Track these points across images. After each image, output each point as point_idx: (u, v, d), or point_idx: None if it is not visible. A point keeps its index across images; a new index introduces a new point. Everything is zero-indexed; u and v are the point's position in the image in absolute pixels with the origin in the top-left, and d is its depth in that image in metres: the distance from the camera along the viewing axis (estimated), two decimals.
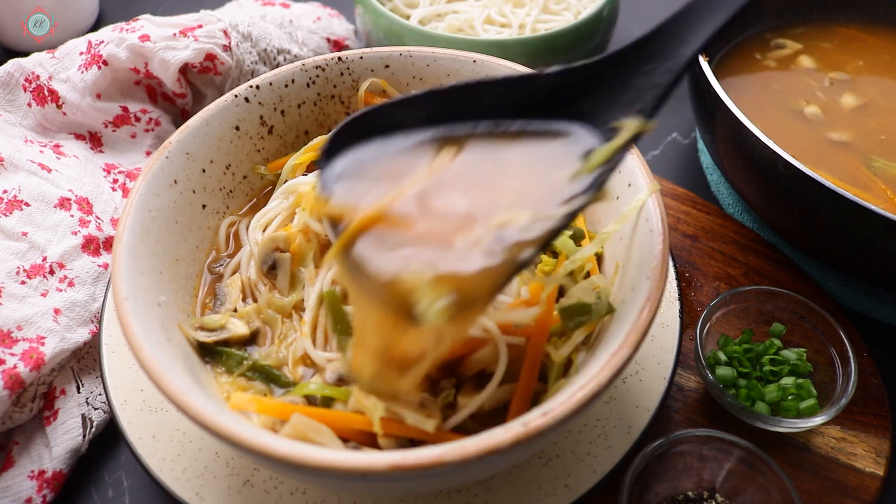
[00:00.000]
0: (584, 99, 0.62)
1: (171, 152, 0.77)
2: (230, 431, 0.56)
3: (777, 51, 1.16)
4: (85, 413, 0.81)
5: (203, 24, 1.08)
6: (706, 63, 0.95)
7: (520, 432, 0.55)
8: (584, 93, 0.62)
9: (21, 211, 0.90)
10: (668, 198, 1.06)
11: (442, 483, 0.65)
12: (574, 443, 0.74)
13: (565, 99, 0.62)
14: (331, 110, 0.91)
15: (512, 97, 0.62)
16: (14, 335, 0.80)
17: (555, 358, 0.66)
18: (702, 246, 1.01)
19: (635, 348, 0.60)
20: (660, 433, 0.78)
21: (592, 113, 0.62)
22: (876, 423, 0.83)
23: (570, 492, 0.71)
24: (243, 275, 0.79)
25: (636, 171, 0.74)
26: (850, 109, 1.05)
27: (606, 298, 0.68)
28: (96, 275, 0.90)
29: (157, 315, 0.68)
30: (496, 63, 0.87)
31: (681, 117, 1.28)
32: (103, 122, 1.08)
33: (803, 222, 0.88)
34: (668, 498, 0.75)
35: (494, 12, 1.21)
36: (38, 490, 0.76)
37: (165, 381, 0.59)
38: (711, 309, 0.85)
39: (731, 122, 0.89)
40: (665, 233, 0.68)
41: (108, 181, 1.03)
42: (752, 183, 0.93)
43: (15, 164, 0.94)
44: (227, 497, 0.71)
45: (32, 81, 1.05)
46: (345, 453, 0.55)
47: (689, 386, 0.86)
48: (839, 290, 0.97)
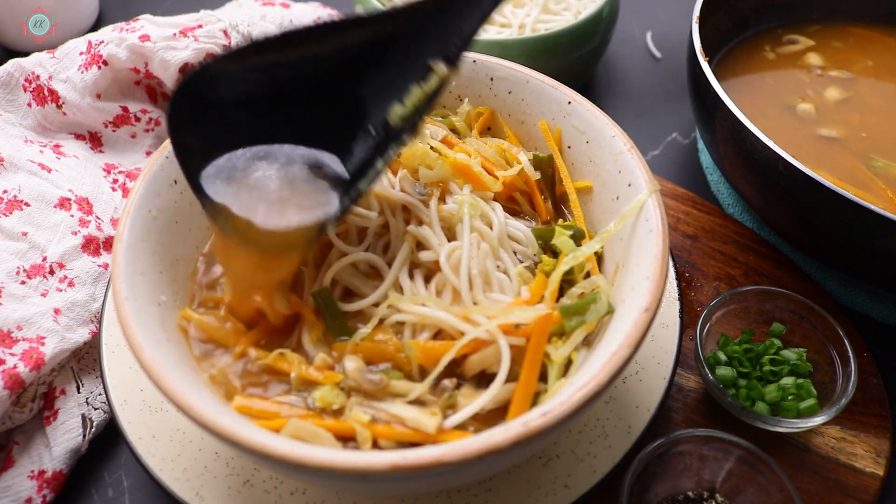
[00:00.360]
0: (404, 43, 0.68)
1: (170, 152, 0.77)
2: (230, 431, 0.56)
3: (787, 46, 1.16)
4: (85, 413, 0.81)
5: (203, 24, 1.08)
6: (706, 63, 0.95)
7: (520, 432, 0.55)
8: (401, 39, 0.67)
9: (21, 211, 0.90)
10: (668, 198, 1.06)
11: (442, 483, 0.65)
12: (574, 443, 0.74)
13: (384, 43, 0.68)
14: None
15: (336, 44, 0.67)
16: (14, 335, 0.80)
17: (555, 358, 0.66)
18: (702, 246, 1.01)
19: (635, 348, 0.60)
20: (660, 433, 0.78)
21: (411, 56, 0.68)
22: (876, 423, 0.83)
23: (570, 492, 0.71)
24: None
25: (636, 171, 0.74)
26: (834, 103, 1.05)
27: (606, 298, 0.68)
28: (96, 275, 0.90)
29: (157, 315, 0.68)
30: (496, 63, 0.87)
31: (681, 117, 1.28)
32: (103, 122, 1.08)
33: (803, 222, 0.88)
34: (668, 498, 0.75)
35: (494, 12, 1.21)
36: (38, 490, 0.76)
37: (165, 381, 0.59)
38: (711, 309, 0.85)
39: (731, 122, 0.89)
40: (665, 233, 0.68)
41: (108, 181, 1.03)
42: (752, 183, 0.93)
43: (15, 164, 0.94)
44: (227, 497, 0.71)
45: (32, 81, 1.05)
46: (345, 453, 0.55)
47: (689, 386, 0.86)
48: (839, 290, 0.98)
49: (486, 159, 0.82)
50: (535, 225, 0.82)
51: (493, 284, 0.72)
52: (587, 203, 0.82)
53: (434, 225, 0.74)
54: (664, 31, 1.46)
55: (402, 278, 0.72)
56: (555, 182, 0.86)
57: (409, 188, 0.77)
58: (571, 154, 0.84)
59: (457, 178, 0.79)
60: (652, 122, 1.27)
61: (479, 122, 0.89)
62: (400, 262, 0.72)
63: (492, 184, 0.79)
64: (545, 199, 0.84)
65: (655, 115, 1.29)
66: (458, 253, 0.71)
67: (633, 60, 1.40)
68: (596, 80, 1.36)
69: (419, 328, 0.69)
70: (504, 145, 0.85)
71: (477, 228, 0.74)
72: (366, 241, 0.75)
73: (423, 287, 0.71)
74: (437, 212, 0.75)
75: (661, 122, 1.27)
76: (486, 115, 0.89)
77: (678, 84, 1.34)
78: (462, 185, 0.78)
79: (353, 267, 0.74)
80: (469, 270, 0.70)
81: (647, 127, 1.26)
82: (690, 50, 1.00)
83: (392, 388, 0.66)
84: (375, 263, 0.74)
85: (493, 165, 0.82)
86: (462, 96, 0.90)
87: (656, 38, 1.44)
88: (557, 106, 0.84)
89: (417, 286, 0.71)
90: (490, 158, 0.82)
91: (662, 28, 1.47)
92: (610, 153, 0.78)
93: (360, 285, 0.73)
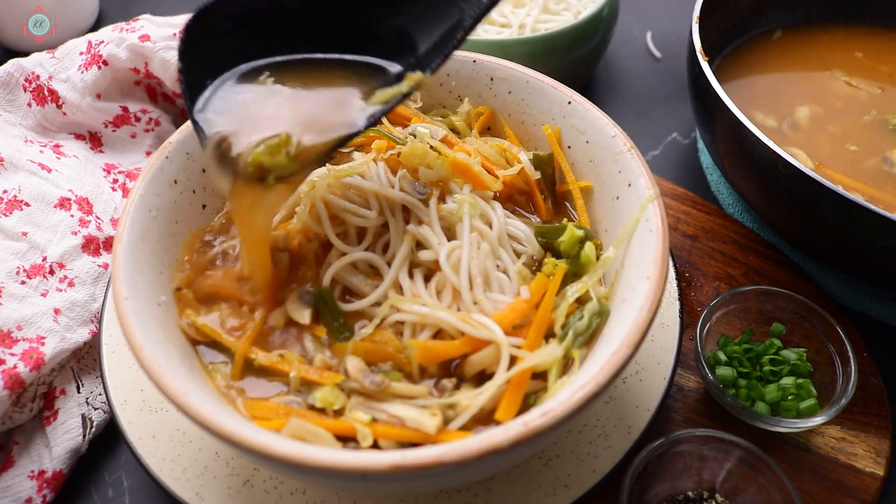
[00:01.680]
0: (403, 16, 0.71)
1: (171, 152, 0.77)
2: (230, 431, 0.56)
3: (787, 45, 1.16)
4: (85, 413, 0.81)
5: None
6: (706, 63, 0.95)
7: (520, 432, 0.55)
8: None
9: (21, 211, 0.90)
10: (668, 198, 1.06)
11: (442, 483, 0.65)
12: (574, 443, 0.74)
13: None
14: None
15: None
16: (14, 335, 0.80)
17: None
18: (702, 246, 1.01)
19: (635, 348, 0.60)
20: (660, 433, 0.78)
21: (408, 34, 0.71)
22: (876, 423, 0.83)
23: (570, 492, 0.71)
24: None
25: (636, 171, 0.74)
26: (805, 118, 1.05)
27: (606, 304, 0.69)
28: (96, 275, 0.90)
29: (157, 315, 0.68)
30: (496, 63, 0.87)
31: (681, 117, 1.28)
32: (103, 122, 1.08)
33: (803, 222, 0.88)
34: (668, 498, 0.75)
35: (494, 12, 1.21)
36: (38, 490, 0.76)
37: (165, 381, 0.59)
38: (711, 309, 0.85)
39: (731, 122, 0.89)
40: (665, 233, 0.68)
41: (108, 181, 1.03)
42: (752, 183, 0.93)
43: (15, 164, 0.94)
44: (227, 497, 0.71)
45: (32, 81, 1.05)
46: (345, 453, 0.55)
47: (689, 386, 0.86)
48: (839, 290, 0.97)
49: (487, 158, 0.82)
50: (537, 222, 0.82)
51: (493, 284, 0.72)
52: (587, 203, 0.82)
53: (434, 224, 0.74)
54: (664, 31, 1.46)
55: (401, 278, 0.72)
56: (555, 182, 0.86)
57: (409, 187, 0.77)
58: (571, 154, 0.84)
59: (457, 178, 0.79)
60: (652, 122, 1.27)
61: (479, 121, 0.89)
62: (399, 262, 0.72)
63: (492, 183, 0.79)
64: (545, 198, 0.84)
65: (655, 115, 1.29)
66: (458, 252, 0.71)
67: (633, 60, 1.40)
68: (596, 80, 1.36)
69: (419, 328, 0.69)
70: (504, 145, 0.85)
71: (477, 228, 0.74)
72: (365, 241, 0.75)
73: (422, 286, 0.71)
74: (436, 211, 0.75)
75: (661, 122, 1.27)
76: (486, 114, 0.89)
77: (678, 84, 1.34)
78: (462, 185, 0.78)
79: (353, 266, 0.74)
80: (469, 270, 0.70)
81: (647, 127, 1.26)
82: (690, 50, 1.00)
83: (392, 390, 0.66)
84: (375, 263, 0.73)
85: (493, 165, 0.82)
86: (462, 96, 0.90)
87: (656, 38, 1.44)
88: (557, 106, 0.84)
89: (417, 286, 0.71)
90: (490, 158, 0.83)
91: (662, 28, 1.47)
92: (610, 153, 0.78)
93: (359, 285, 0.73)
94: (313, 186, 0.75)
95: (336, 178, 0.76)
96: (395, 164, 0.80)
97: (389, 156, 0.80)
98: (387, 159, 0.80)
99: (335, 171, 0.77)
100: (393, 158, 0.80)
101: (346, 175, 0.76)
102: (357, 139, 0.84)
